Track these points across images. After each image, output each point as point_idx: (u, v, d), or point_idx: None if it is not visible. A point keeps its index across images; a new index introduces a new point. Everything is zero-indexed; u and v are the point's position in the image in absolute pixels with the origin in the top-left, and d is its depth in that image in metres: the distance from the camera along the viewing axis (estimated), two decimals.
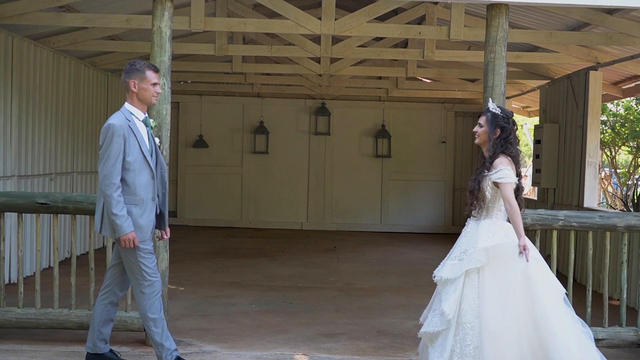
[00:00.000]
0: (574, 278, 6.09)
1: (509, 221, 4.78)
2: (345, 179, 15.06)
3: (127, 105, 5.04)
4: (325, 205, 15.07)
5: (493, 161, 4.74)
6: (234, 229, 14.58)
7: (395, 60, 12.86)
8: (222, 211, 14.90)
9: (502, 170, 4.68)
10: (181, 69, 11.95)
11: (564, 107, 10.59)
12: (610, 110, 17.43)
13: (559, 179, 10.76)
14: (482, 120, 4.91)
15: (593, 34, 8.14)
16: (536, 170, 11.29)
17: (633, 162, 17.76)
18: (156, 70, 5.09)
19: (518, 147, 4.87)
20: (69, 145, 10.23)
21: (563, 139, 10.61)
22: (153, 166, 5.01)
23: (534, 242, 5.93)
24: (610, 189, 18.41)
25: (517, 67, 11.03)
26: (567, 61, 9.43)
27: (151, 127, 5.14)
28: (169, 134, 5.82)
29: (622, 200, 12.66)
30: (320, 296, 8.22)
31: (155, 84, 5.05)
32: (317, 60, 11.10)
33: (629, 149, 17.75)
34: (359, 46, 9.64)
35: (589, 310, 5.94)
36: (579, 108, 9.93)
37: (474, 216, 4.84)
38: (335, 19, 7.82)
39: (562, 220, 5.83)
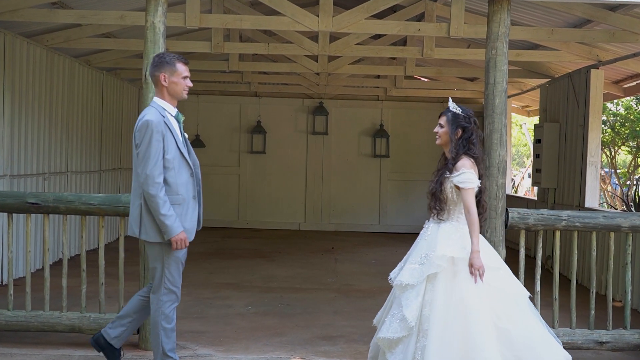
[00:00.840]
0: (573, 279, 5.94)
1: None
2: (343, 179, 14.93)
3: (157, 100, 4.80)
4: (323, 206, 14.94)
5: (456, 163, 4.63)
6: (231, 229, 14.45)
7: (394, 58, 12.75)
8: (219, 211, 14.75)
9: (465, 174, 4.56)
10: None
11: (565, 106, 10.47)
12: (610, 110, 17.32)
13: (559, 179, 10.63)
14: (442, 120, 4.79)
15: (595, 31, 8.01)
16: (536, 170, 11.17)
17: (633, 162, 17.64)
18: (186, 62, 4.87)
19: (481, 147, 4.75)
20: (63, 145, 10.08)
21: (564, 138, 10.49)
22: (190, 163, 4.82)
23: (536, 243, 5.82)
24: (609, 188, 18.30)
25: (517, 66, 10.91)
26: (568, 59, 9.31)
27: (181, 123, 4.92)
28: None
29: (623, 200, 12.55)
30: (318, 298, 8.09)
31: (186, 77, 4.84)
32: (315, 58, 10.97)
33: (629, 149, 17.63)
34: (357, 44, 9.51)
35: (592, 312, 5.81)
36: (579, 107, 9.81)
37: (438, 219, 4.71)
38: (333, 16, 7.68)
39: (565, 220, 5.70)
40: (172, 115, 4.80)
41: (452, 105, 4.79)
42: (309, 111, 14.81)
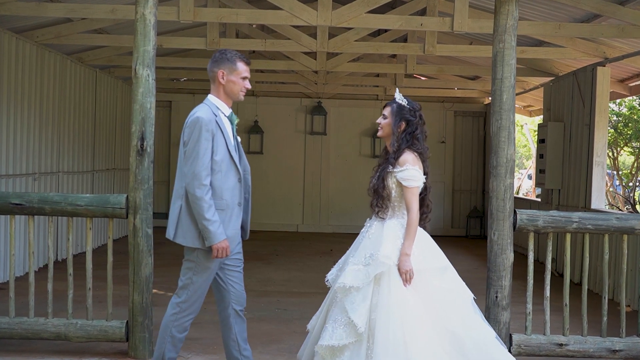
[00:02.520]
0: (577, 282, 5.65)
1: (421, 219, 4.45)
2: (342, 180, 14.66)
3: (212, 98, 4.51)
4: (321, 207, 14.67)
5: (398, 157, 4.39)
6: None
7: (394, 57, 12.49)
8: None
9: (408, 170, 4.33)
10: (172, 65, 11.53)
11: (569, 104, 10.21)
12: (613, 110, 17.06)
13: (564, 180, 10.37)
14: (386, 111, 4.55)
15: (604, 26, 7.74)
16: (540, 171, 10.91)
17: (635, 164, 17.38)
18: (248, 62, 4.56)
19: (425, 143, 4.51)
20: (54, 144, 9.80)
21: (568, 137, 10.23)
22: (240, 168, 4.52)
23: (545, 246, 5.55)
24: (611, 189, 18.05)
25: (521, 64, 10.64)
26: (574, 56, 9.05)
27: (235, 125, 4.61)
28: (153, 129, 5.40)
29: (628, 201, 12.29)
30: (316, 302, 7.72)
31: (245, 78, 4.53)
32: (313, 56, 10.70)
33: (632, 150, 17.38)
34: (356, 40, 9.22)
35: (604, 319, 5.53)
36: (585, 106, 9.55)
37: (379, 217, 4.47)
38: (332, 10, 7.41)
39: (576, 222, 5.43)
40: (225, 115, 4.51)
41: (398, 96, 4.56)
42: (307, 111, 14.55)
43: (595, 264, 8.51)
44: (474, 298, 4.41)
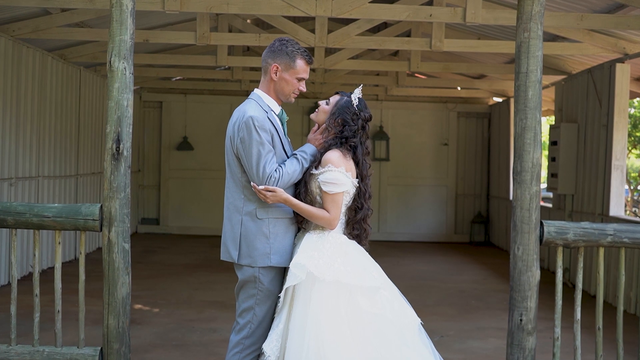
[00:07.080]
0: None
1: (352, 235, 3.81)
2: None
3: (259, 92, 3.95)
4: None
5: (322, 155, 3.77)
6: (220, 237, 13.49)
7: (395, 55, 11.88)
8: (207, 219, 13.84)
9: (331, 172, 3.67)
10: (161, 63, 10.88)
11: (584, 104, 9.59)
12: None
13: (578, 184, 9.74)
14: (333, 99, 3.90)
15: (630, 17, 7.11)
16: (552, 175, 10.29)
17: None
18: (310, 61, 3.93)
19: (366, 159, 3.85)
20: (34, 147, 9.13)
21: (583, 139, 9.60)
22: None
23: (576, 262, 4.90)
24: None
25: None
26: (591, 52, 8.43)
27: (285, 124, 4.01)
28: (130, 130, 4.73)
29: None
30: None
31: (302, 79, 3.92)
32: (311, 52, 10.03)
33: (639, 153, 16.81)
34: (358, 35, 8.57)
35: None
36: (602, 105, 8.93)
37: (302, 227, 3.85)
38: (333, 0, 6.77)
39: (611, 235, 4.77)
40: (275, 113, 3.91)
41: (357, 92, 3.89)
42: (303, 112, 13.90)
43: (609, 277, 7.93)
44: (421, 324, 3.78)
